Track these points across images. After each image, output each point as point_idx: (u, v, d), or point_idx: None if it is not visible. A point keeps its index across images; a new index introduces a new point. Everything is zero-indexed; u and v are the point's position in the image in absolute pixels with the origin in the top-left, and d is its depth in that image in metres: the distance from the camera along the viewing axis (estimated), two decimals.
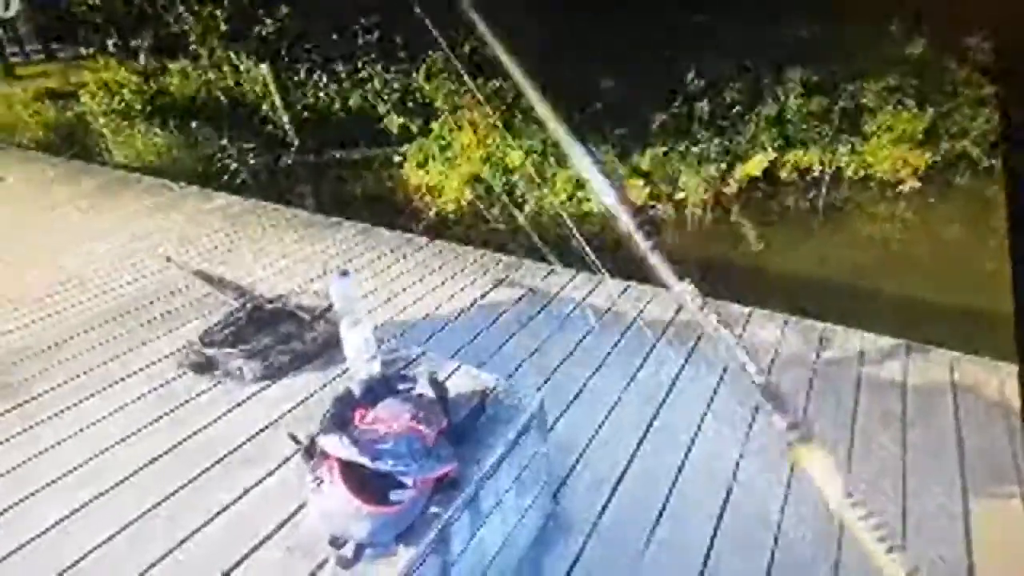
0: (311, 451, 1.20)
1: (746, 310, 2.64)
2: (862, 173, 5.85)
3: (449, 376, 1.57)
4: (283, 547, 1.12)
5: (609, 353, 2.39)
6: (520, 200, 5.86)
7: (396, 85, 7.16)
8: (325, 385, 1.61)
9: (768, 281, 4.30)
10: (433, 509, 1.17)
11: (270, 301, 2.04)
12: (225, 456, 1.39)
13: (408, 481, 1.14)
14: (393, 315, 2.79)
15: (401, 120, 6.90)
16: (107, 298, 2.59)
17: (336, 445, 1.14)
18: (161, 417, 1.56)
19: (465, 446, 1.30)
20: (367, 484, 1.09)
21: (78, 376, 1.85)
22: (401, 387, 1.43)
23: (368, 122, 7.25)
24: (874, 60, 5.87)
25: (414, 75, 6.92)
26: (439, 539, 1.16)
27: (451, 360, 1.67)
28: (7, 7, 3.46)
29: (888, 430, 1.91)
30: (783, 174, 6.00)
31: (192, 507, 1.25)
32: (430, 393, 1.39)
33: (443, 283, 3.07)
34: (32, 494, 1.33)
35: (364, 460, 1.11)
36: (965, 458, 1.78)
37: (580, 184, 5.59)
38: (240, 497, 1.27)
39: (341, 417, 1.29)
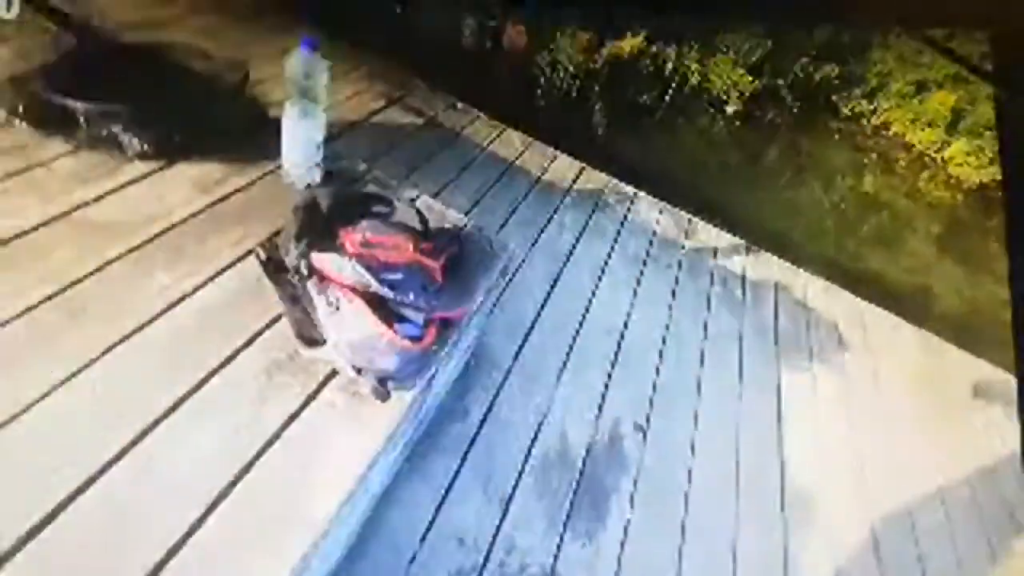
0: (298, 268, 0.98)
1: (631, 191, 2.84)
2: (702, 84, 6.43)
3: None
4: (261, 365, 0.93)
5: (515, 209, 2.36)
6: None
7: None
8: (253, 183, 1.26)
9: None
10: (434, 347, 1.09)
11: (124, 44, 1.45)
12: (139, 246, 1.03)
13: (418, 318, 1.02)
14: None
15: None
16: None
17: (347, 269, 0.94)
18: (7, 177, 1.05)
19: (457, 284, 1.20)
20: (385, 316, 0.95)
21: None
22: (377, 209, 1.22)
23: None
24: None
25: None
26: (431, 378, 1.11)
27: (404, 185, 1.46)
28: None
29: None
30: (642, 64, 6.24)
31: (110, 301, 0.92)
32: (414, 222, 1.21)
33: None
34: None
35: (384, 291, 0.95)
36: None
37: None
38: (182, 300, 0.98)
39: (321, 234, 1.06)
